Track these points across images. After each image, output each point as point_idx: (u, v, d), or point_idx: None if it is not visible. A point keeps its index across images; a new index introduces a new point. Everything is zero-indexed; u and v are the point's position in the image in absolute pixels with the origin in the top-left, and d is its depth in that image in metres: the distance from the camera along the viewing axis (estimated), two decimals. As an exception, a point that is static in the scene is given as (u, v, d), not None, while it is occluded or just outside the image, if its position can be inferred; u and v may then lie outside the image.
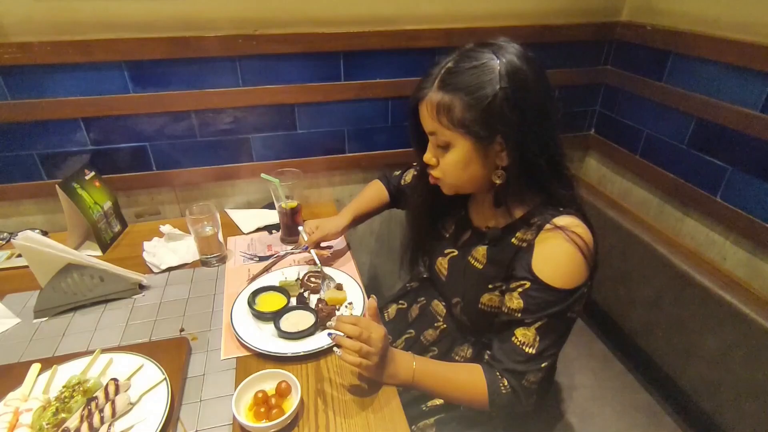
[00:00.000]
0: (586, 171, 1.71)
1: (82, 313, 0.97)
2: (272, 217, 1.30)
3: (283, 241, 1.21)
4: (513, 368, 0.77)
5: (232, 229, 1.28)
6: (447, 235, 0.95)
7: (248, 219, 1.31)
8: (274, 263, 1.12)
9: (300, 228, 1.12)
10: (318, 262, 1.06)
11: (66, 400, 0.71)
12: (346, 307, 0.95)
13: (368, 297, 0.98)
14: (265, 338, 0.87)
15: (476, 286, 0.85)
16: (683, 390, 1.12)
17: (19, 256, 1.13)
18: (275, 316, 0.90)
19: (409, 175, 1.16)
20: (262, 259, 1.14)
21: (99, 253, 1.17)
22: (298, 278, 1.03)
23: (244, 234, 1.26)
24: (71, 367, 0.79)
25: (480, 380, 0.78)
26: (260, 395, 0.73)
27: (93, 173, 1.22)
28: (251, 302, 0.94)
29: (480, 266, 0.85)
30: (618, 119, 1.51)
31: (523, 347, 0.76)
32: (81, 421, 0.68)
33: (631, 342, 1.29)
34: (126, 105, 1.22)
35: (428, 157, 0.80)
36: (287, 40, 1.23)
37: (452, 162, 0.76)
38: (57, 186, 1.09)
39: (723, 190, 1.17)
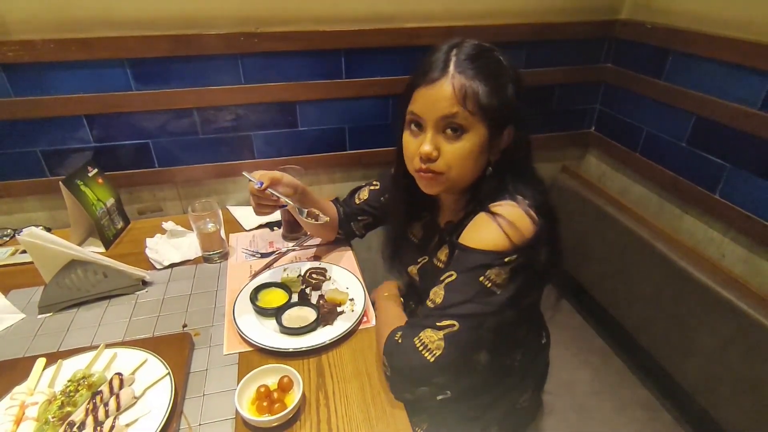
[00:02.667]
0: (587, 168, 1.71)
1: (86, 308, 0.98)
2: (274, 214, 1.30)
3: (285, 237, 1.22)
4: (413, 322, 0.76)
5: (234, 225, 1.29)
6: (417, 242, 0.94)
7: (250, 216, 1.32)
8: (276, 260, 1.12)
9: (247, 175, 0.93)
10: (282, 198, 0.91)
11: (71, 393, 0.72)
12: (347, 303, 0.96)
13: (369, 293, 0.99)
14: (267, 334, 0.88)
15: None
16: (681, 386, 1.13)
17: (23, 252, 1.14)
18: (277, 312, 0.90)
19: (364, 192, 1.08)
20: (263, 255, 1.15)
21: (102, 249, 1.18)
22: (299, 275, 1.03)
23: (246, 231, 1.27)
24: (76, 361, 0.80)
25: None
26: (263, 390, 0.74)
27: (96, 170, 1.23)
28: (253, 298, 0.94)
29: (442, 266, 0.85)
30: (618, 117, 1.51)
31: (429, 302, 0.74)
32: (86, 415, 0.69)
33: (630, 338, 1.30)
34: (128, 102, 1.23)
35: (429, 149, 0.72)
36: (289, 38, 1.24)
37: (465, 150, 0.72)
38: (60, 183, 1.09)
39: (722, 187, 1.18)
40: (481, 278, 0.70)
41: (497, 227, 0.70)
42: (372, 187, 1.07)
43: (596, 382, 1.25)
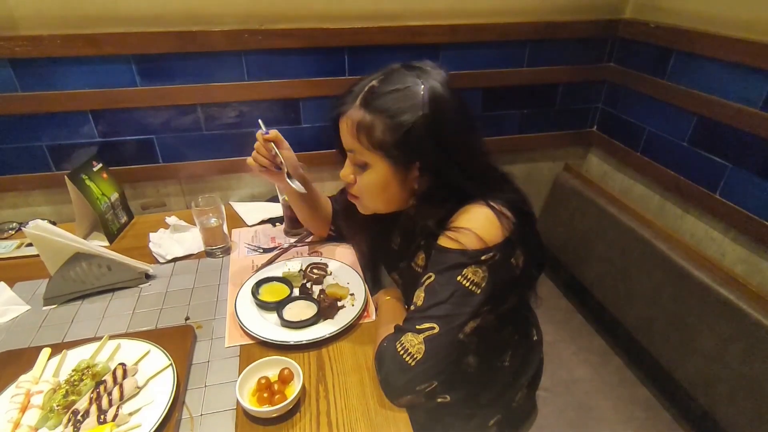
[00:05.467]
0: (589, 167, 1.71)
1: (90, 301, 0.99)
2: (276, 209, 1.31)
3: (287, 233, 1.23)
4: (397, 326, 0.75)
5: (236, 221, 1.30)
6: (396, 249, 0.95)
7: (252, 211, 1.33)
8: (278, 255, 1.13)
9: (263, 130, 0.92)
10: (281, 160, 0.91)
11: (75, 383, 0.73)
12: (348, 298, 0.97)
13: (369, 288, 1.00)
14: (268, 327, 0.88)
15: None
16: (680, 384, 1.14)
17: (29, 245, 1.16)
18: (278, 306, 0.91)
19: None
20: (265, 250, 1.16)
21: (106, 243, 1.19)
22: (301, 269, 1.04)
23: (248, 226, 1.28)
24: (80, 351, 0.81)
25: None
26: (263, 381, 0.75)
27: (100, 165, 1.24)
28: (255, 292, 0.95)
29: (420, 270, 0.85)
30: (620, 116, 1.51)
31: (412, 306, 0.74)
32: (90, 404, 0.70)
33: (630, 337, 1.30)
34: (133, 98, 1.24)
35: (345, 173, 0.78)
36: (292, 35, 1.25)
37: (369, 183, 0.76)
38: (66, 177, 1.11)
39: (723, 187, 1.18)
40: (459, 277, 0.69)
41: (472, 227, 0.70)
42: None
43: (596, 381, 1.25)
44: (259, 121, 0.93)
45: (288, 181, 0.92)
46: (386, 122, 0.70)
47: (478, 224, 0.71)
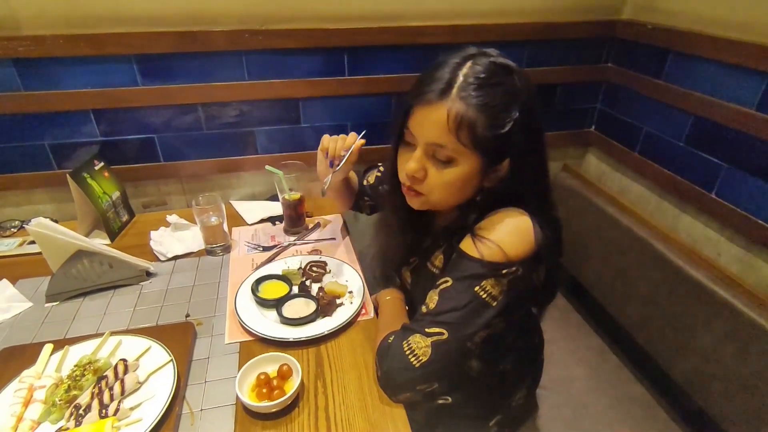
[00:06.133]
0: (587, 167, 1.72)
1: (92, 298, 1.00)
2: (276, 208, 1.32)
3: (287, 232, 1.24)
4: (406, 325, 0.74)
5: (236, 219, 1.31)
6: (409, 244, 0.91)
7: (252, 210, 1.34)
8: (277, 253, 1.14)
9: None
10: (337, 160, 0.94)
11: (77, 378, 0.74)
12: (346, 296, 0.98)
13: (367, 287, 1.01)
14: (267, 324, 0.90)
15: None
16: (676, 382, 1.14)
17: (31, 243, 1.17)
18: (278, 303, 0.92)
19: (372, 176, 1.08)
20: (265, 249, 1.17)
21: (107, 241, 1.20)
22: (300, 267, 1.06)
23: (248, 225, 1.29)
24: (82, 347, 0.83)
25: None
26: (263, 377, 0.76)
27: (102, 164, 1.25)
28: (255, 290, 0.96)
29: (437, 272, 0.83)
30: (618, 116, 1.52)
31: (423, 307, 0.73)
32: (92, 398, 0.71)
33: (626, 336, 1.31)
34: (135, 97, 1.25)
35: (416, 168, 0.70)
36: (293, 36, 1.26)
37: (452, 179, 0.70)
38: (68, 175, 1.12)
39: (718, 187, 1.19)
40: (477, 288, 0.68)
41: (498, 238, 0.68)
42: (378, 173, 1.08)
43: (593, 379, 1.26)
44: (364, 131, 0.96)
45: (330, 170, 0.94)
46: (492, 117, 0.65)
47: (505, 235, 0.68)
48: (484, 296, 0.68)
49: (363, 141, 0.93)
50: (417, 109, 0.68)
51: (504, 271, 0.67)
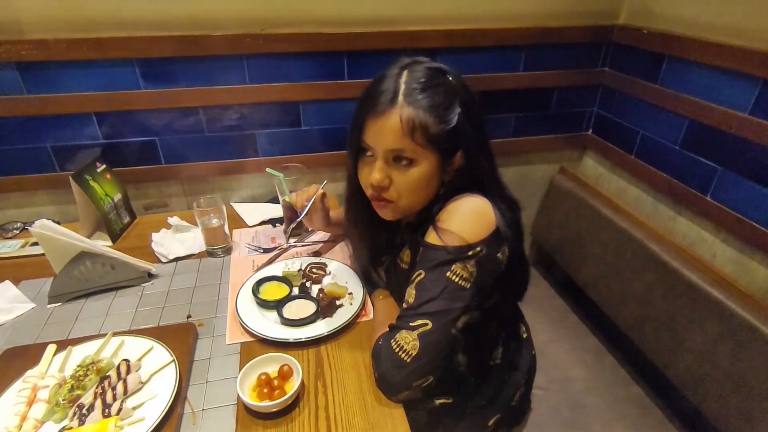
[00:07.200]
0: (584, 170, 1.74)
1: (94, 299, 1.01)
2: (276, 210, 1.33)
3: (287, 233, 1.25)
4: (392, 324, 0.77)
5: (237, 221, 1.32)
6: (381, 244, 0.96)
7: (253, 212, 1.35)
8: (277, 255, 1.15)
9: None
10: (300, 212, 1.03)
11: (80, 378, 0.75)
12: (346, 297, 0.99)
13: (366, 287, 1.02)
14: (268, 325, 0.90)
15: (405, 287, 0.79)
16: (672, 382, 1.16)
17: (34, 244, 1.18)
18: (278, 305, 0.93)
19: None
20: (266, 250, 1.18)
21: (109, 243, 1.21)
22: (300, 269, 1.07)
23: (249, 227, 1.30)
24: (85, 348, 0.83)
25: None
26: (263, 377, 0.77)
27: (104, 166, 1.26)
28: (255, 291, 0.97)
29: (406, 267, 0.86)
30: (615, 120, 1.54)
31: (404, 303, 0.76)
32: (95, 398, 0.72)
33: (623, 336, 1.32)
34: (137, 100, 1.26)
35: (381, 177, 0.74)
36: (293, 40, 1.27)
37: (415, 180, 0.74)
38: (70, 178, 1.13)
39: (713, 189, 1.20)
40: (448, 273, 0.71)
41: (459, 222, 0.72)
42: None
43: (589, 380, 1.27)
44: (325, 182, 1.07)
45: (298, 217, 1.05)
46: (439, 115, 0.71)
47: (464, 220, 0.72)
48: (457, 280, 0.71)
49: (323, 191, 1.04)
50: (370, 121, 0.73)
51: (470, 253, 0.71)
